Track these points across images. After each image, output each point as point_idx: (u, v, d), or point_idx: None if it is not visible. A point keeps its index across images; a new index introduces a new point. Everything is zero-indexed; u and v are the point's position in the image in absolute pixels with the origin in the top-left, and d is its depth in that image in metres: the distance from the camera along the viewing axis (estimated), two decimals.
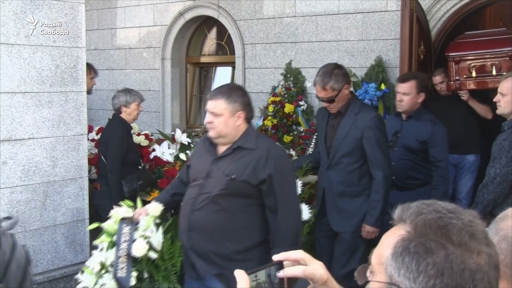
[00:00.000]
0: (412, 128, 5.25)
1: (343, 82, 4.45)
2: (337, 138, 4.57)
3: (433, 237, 1.17)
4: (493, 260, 1.20)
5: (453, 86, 6.72)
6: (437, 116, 6.78)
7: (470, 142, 6.96)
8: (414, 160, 5.24)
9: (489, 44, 6.56)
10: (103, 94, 10.03)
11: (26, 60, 4.54)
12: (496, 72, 6.34)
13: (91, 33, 10.59)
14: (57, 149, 4.76)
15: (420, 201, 1.28)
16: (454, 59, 6.65)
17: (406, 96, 5.17)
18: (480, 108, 6.80)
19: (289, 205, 3.60)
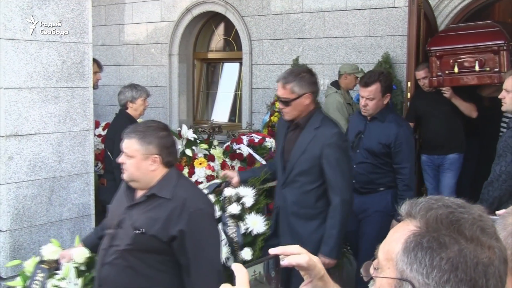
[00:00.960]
0: (376, 129, 4.87)
1: (306, 89, 3.96)
2: (294, 154, 4.06)
3: (446, 232, 1.17)
4: (503, 254, 1.20)
5: (435, 82, 6.43)
6: (420, 114, 6.76)
7: (453, 142, 6.70)
8: (376, 164, 4.88)
9: (473, 38, 6.28)
10: (110, 90, 10.05)
11: (33, 55, 4.54)
12: (479, 68, 6.06)
13: (99, 29, 10.61)
14: (63, 144, 4.77)
15: (428, 196, 1.27)
16: (436, 53, 6.37)
17: (371, 100, 4.79)
18: (464, 106, 6.53)
19: (204, 268, 3.03)
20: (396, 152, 4.75)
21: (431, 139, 6.77)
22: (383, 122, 4.83)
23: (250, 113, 9.04)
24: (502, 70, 5.88)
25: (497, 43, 5.97)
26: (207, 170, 6.18)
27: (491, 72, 6.00)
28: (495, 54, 5.96)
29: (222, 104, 10.06)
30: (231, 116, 9.88)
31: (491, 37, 6.07)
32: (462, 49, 6.25)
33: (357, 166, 4.82)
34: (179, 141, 6.59)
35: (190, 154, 6.33)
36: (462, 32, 6.45)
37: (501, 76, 5.64)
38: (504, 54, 5.90)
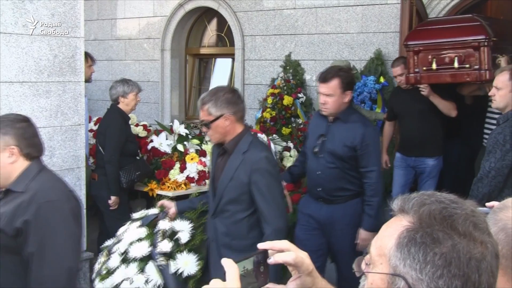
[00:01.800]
0: (339, 131, 4.48)
1: (223, 109, 3.59)
2: (222, 181, 3.68)
3: (439, 228, 1.17)
4: (494, 250, 1.21)
5: (412, 79, 6.05)
6: (396, 112, 6.57)
7: (430, 143, 6.39)
8: (343, 169, 4.48)
9: (452, 32, 5.90)
10: (102, 85, 10.03)
11: (24, 49, 4.53)
12: (458, 65, 5.66)
13: (91, 24, 10.58)
14: (54, 139, 4.76)
15: (420, 192, 1.28)
16: (413, 49, 5.99)
17: (330, 97, 4.37)
18: (442, 105, 6.19)
19: (48, 264, 2.76)
20: (362, 154, 4.41)
21: (407, 138, 6.53)
22: (346, 122, 4.46)
23: None
24: (483, 67, 5.55)
25: (477, 39, 5.64)
26: (199, 165, 6.18)
27: (470, 70, 5.64)
28: (475, 50, 5.61)
29: None
30: None
31: (471, 32, 5.73)
32: (440, 44, 5.89)
33: (322, 173, 4.50)
34: (171, 136, 6.59)
35: (181, 150, 6.33)
36: (442, 26, 6.11)
37: (481, 74, 5.51)
38: (485, 50, 5.56)
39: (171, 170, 6.12)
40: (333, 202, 4.54)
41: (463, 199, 1.27)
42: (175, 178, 6.07)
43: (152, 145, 6.50)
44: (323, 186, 4.52)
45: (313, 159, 4.56)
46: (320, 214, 4.57)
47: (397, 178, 6.61)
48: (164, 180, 6.06)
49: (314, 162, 4.55)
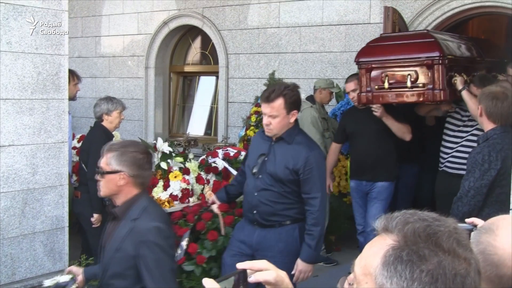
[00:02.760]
0: (282, 152, 4.13)
1: (124, 166, 3.17)
2: (108, 252, 3.22)
3: (424, 245, 1.18)
4: (477, 266, 1.23)
5: (363, 99, 5.70)
6: (349, 133, 6.20)
7: (382, 167, 6.01)
8: (282, 192, 4.11)
9: (405, 49, 5.61)
10: (86, 102, 10.00)
11: (8, 66, 4.52)
12: (411, 84, 5.34)
13: (75, 41, 10.57)
14: (37, 156, 4.74)
15: (402, 211, 1.29)
16: (365, 66, 5.66)
17: (274, 118, 4.04)
18: (395, 127, 5.84)
19: None
20: (305, 179, 4.05)
21: (359, 161, 6.17)
22: (290, 144, 4.13)
23: (226, 127, 9.06)
24: (437, 87, 5.29)
25: (431, 56, 5.33)
26: (182, 183, 6.17)
27: (424, 89, 5.36)
28: (429, 68, 5.31)
29: (198, 117, 10.06)
30: (207, 130, 9.89)
31: (425, 49, 5.43)
32: (393, 61, 5.58)
33: (259, 194, 4.14)
34: (155, 154, 6.57)
35: (165, 167, 6.31)
36: (395, 43, 5.77)
37: (435, 94, 5.29)
38: (440, 69, 5.28)
39: (155, 188, 6.10)
40: (268, 227, 4.19)
41: (444, 217, 1.28)
42: (159, 196, 6.05)
43: None
44: (259, 209, 4.18)
45: (251, 179, 4.22)
46: (252, 238, 4.24)
47: (357, 208, 6.27)
48: None
49: (252, 182, 4.20)
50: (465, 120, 5.59)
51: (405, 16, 7.03)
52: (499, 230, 1.67)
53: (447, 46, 5.58)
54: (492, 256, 1.60)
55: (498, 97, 4.18)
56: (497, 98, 4.17)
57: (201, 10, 9.25)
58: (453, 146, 5.61)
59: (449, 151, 5.64)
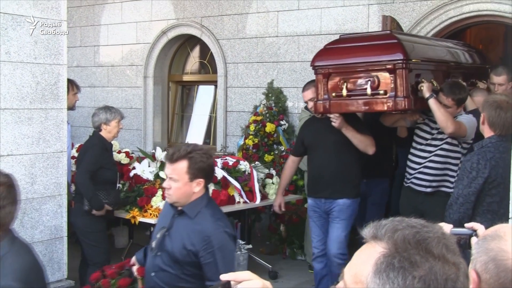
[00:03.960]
0: (182, 227, 3.33)
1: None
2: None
3: (415, 251, 1.19)
4: (465, 270, 1.25)
5: (320, 107, 5.13)
6: (307, 145, 5.55)
7: (342, 183, 5.42)
8: (180, 275, 3.30)
9: (365, 52, 5.05)
10: (85, 111, 10.00)
11: (6, 76, 4.52)
12: (371, 91, 4.81)
13: (74, 50, 10.59)
14: (36, 166, 4.74)
15: (390, 218, 1.29)
16: (321, 71, 5.09)
17: (175, 183, 3.30)
18: (357, 140, 5.30)
19: None
20: (206, 264, 3.23)
21: (316, 177, 5.61)
22: (192, 218, 3.31)
23: (224, 136, 9.06)
24: (399, 94, 4.76)
25: (392, 60, 4.77)
26: None
27: (385, 97, 4.82)
28: (391, 73, 4.75)
29: (196, 126, 10.06)
30: (206, 139, 9.88)
31: (386, 52, 4.88)
32: (352, 65, 5.03)
33: (156, 275, 3.36)
34: (153, 163, 6.57)
35: (164, 177, 6.30)
36: (354, 45, 5.20)
37: (397, 102, 4.76)
38: (403, 74, 4.73)
39: (153, 197, 6.09)
40: None
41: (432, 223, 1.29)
42: (158, 205, 6.04)
43: (135, 172, 6.48)
44: None
45: (149, 256, 3.46)
46: None
47: (314, 229, 5.65)
48: (146, 207, 6.03)
49: (150, 260, 3.44)
50: (434, 133, 5.19)
51: (403, 25, 7.05)
52: (507, 235, 1.66)
53: (415, 48, 5.10)
54: (505, 261, 1.60)
55: (502, 106, 4.12)
56: (501, 108, 4.11)
57: (199, 19, 9.27)
58: (421, 161, 5.21)
59: (416, 166, 5.26)
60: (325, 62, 5.12)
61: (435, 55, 5.56)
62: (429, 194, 5.19)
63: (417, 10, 7.31)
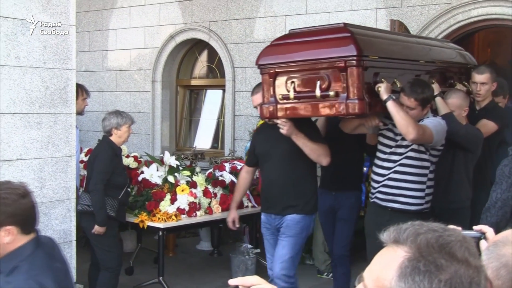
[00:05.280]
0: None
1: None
2: None
3: (439, 255, 1.20)
4: (485, 273, 1.25)
5: (266, 112, 4.55)
6: (257, 153, 5.11)
7: (292, 197, 4.92)
8: None
9: (314, 48, 4.43)
10: (93, 116, 10.04)
11: (16, 81, 4.55)
12: (320, 92, 4.19)
13: (82, 55, 10.62)
14: (45, 170, 4.75)
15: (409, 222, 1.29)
16: (267, 70, 4.51)
17: None
18: (308, 148, 4.72)
19: None
20: None
21: (266, 190, 5.14)
22: (6, 276, 2.54)
23: (232, 140, 9.06)
24: (352, 96, 4.15)
25: (344, 56, 4.16)
26: (190, 197, 6.18)
27: (336, 99, 4.20)
28: (342, 72, 4.13)
29: (204, 130, 10.07)
30: (214, 143, 9.89)
31: (336, 47, 4.27)
32: (299, 64, 4.42)
33: None
34: (162, 167, 6.58)
35: (172, 181, 6.33)
36: (303, 40, 4.52)
37: (348, 105, 4.15)
38: (355, 73, 4.13)
39: (162, 202, 6.11)
40: None
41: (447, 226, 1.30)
42: (166, 209, 6.06)
43: (143, 177, 6.50)
44: None
45: None
46: None
47: (268, 248, 5.18)
48: (155, 212, 6.05)
49: None
50: (398, 139, 4.60)
51: (412, 29, 7.04)
52: None
53: (373, 43, 4.50)
54: None
55: None
56: None
57: (207, 24, 9.28)
58: (385, 172, 4.68)
59: (380, 178, 4.73)
60: (271, 60, 4.55)
61: (400, 52, 4.91)
62: (397, 211, 4.62)
63: (425, 14, 7.31)
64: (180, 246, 8.11)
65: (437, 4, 7.20)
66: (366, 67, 4.21)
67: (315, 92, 4.21)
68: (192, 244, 8.33)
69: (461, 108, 5.00)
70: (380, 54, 4.48)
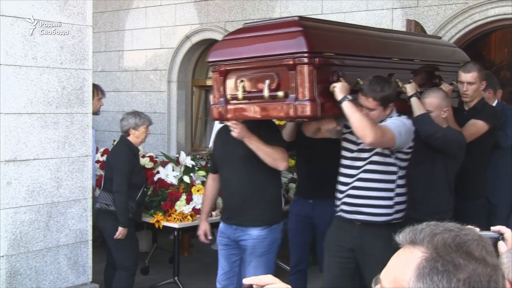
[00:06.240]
0: None
1: None
2: None
3: (456, 255, 1.20)
4: (502, 271, 1.25)
5: (215, 113, 4.21)
6: (215, 158, 4.77)
7: (254, 208, 4.42)
8: None
9: (263, 44, 4.01)
10: (109, 116, 10.08)
11: (33, 81, 4.58)
12: (269, 92, 3.81)
13: (99, 55, 10.67)
14: (61, 170, 4.78)
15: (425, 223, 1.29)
16: (218, 68, 4.16)
17: None
18: (263, 153, 4.27)
19: None
20: None
21: (225, 198, 4.77)
22: None
23: None
24: (301, 97, 3.74)
25: (292, 53, 3.75)
26: None
27: (285, 101, 3.80)
28: (291, 70, 3.75)
29: None
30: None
31: (286, 43, 3.84)
32: (249, 60, 4.03)
33: None
34: (177, 167, 6.60)
35: (188, 181, 6.34)
36: (254, 35, 4.11)
37: (297, 107, 3.74)
38: (305, 71, 3.71)
39: (177, 202, 6.12)
40: None
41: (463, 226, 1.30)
42: (181, 209, 6.08)
43: (159, 177, 6.52)
44: None
45: None
46: None
47: (220, 260, 4.68)
48: (170, 212, 6.06)
49: None
50: (360, 142, 4.07)
51: (428, 29, 7.01)
52: None
53: (330, 38, 4.09)
54: None
55: None
56: None
57: (223, 24, 9.29)
58: (348, 180, 4.16)
59: (343, 188, 4.20)
60: (221, 56, 4.18)
61: (367, 48, 4.46)
62: (366, 225, 4.14)
63: (441, 14, 7.27)
64: (195, 246, 8.11)
65: (454, 3, 7.16)
66: (319, 65, 3.78)
67: (264, 92, 3.84)
68: (207, 244, 8.34)
69: (440, 108, 4.51)
70: (339, 50, 4.07)
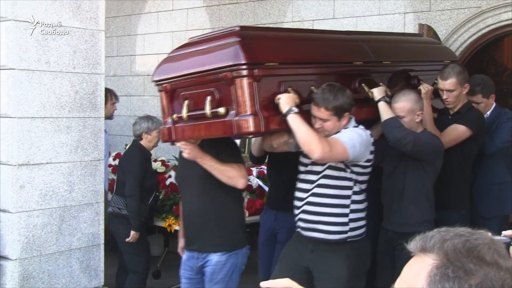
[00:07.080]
0: None
1: None
2: None
3: (467, 260, 1.18)
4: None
5: (165, 134, 4.05)
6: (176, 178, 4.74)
7: (213, 231, 4.15)
8: None
9: (203, 58, 3.83)
10: (121, 120, 10.11)
11: (46, 86, 4.60)
12: (210, 109, 3.60)
13: (111, 60, 10.71)
14: (74, 174, 4.80)
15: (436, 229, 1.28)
16: (164, 87, 4.05)
17: None
18: (217, 171, 3.99)
19: None
20: None
21: (184, 222, 4.41)
22: None
23: None
24: (242, 112, 3.50)
25: (229, 66, 3.52)
26: None
27: (226, 117, 3.58)
28: (230, 85, 3.51)
29: None
30: (241, 148, 9.90)
31: (223, 56, 3.61)
32: (189, 77, 3.84)
33: None
34: None
35: None
36: (195, 49, 3.94)
37: (239, 123, 3.48)
38: (245, 84, 3.47)
39: None
40: None
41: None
42: None
43: (171, 181, 6.53)
44: None
45: None
46: None
47: None
48: None
49: None
50: None
51: (440, 33, 6.99)
52: None
53: (274, 48, 3.86)
54: None
55: None
56: None
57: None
58: (303, 196, 3.95)
59: (299, 203, 3.98)
60: (165, 74, 4.05)
61: (324, 53, 4.21)
62: (325, 243, 3.90)
63: (454, 18, 7.24)
64: None
65: (466, 8, 7.13)
66: (260, 77, 3.53)
67: (205, 109, 3.62)
68: None
69: (413, 112, 4.22)
70: (285, 59, 3.83)
